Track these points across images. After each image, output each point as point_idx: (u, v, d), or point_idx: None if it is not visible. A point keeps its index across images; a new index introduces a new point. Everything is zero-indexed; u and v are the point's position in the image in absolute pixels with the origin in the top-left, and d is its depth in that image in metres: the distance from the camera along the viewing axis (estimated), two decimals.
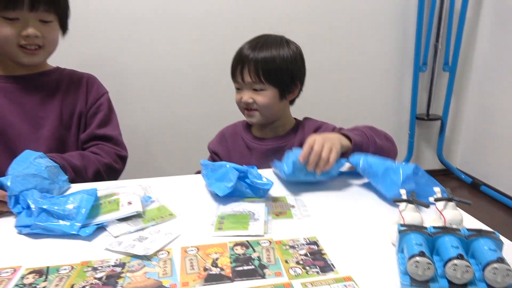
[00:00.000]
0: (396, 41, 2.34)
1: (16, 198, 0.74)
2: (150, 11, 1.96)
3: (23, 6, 0.92)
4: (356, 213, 0.78)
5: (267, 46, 1.05)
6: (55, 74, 1.11)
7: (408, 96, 2.44)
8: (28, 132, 1.04)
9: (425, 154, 2.65)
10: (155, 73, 2.05)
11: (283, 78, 1.06)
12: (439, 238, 0.56)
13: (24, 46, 0.98)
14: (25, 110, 1.04)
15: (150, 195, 0.85)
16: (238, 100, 1.10)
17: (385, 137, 1.03)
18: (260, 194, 0.85)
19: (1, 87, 1.04)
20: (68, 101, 1.09)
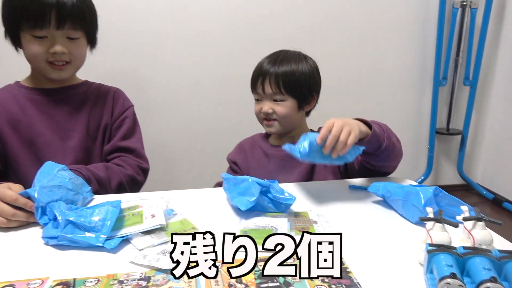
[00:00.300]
0: (416, 55, 2.33)
1: (43, 209, 0.75)
2: (171, 25, 1.99)
3: (50, 25, 0.95)
4: (380, 230, 0.77)
5: (286, 61, 1.11)
6: (83, 87, 1.14)
7: (428, 110, 2.41)
8: (56, 142, 1.06)
9: (445, 169, 2.61)
10: (175, 86, 2.08)
11: (301, 90, 1.11)
12: (470, 259, 0.55)
13: (52, 62, 1.01)
14: (54, 121, 1.07)
15: (172, 208, 0.86)
16: (258, 111, 1.15)
17: (397, 138, 1.03)
18: (282, 209, 0.85)
19: (32, 98, 1.07)
20: (95, 113, 1.12)
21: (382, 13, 2.22)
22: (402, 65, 2.33)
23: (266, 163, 1.17)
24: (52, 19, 0.95)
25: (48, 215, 0.75)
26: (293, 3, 2.10)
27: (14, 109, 1.05)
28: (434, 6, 2.25)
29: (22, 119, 1.05)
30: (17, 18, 0.96)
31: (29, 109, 1.06)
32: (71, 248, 0.69)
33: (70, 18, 0.97)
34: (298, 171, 1.14)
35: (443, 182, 2.61)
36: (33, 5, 0.93)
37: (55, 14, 0.95)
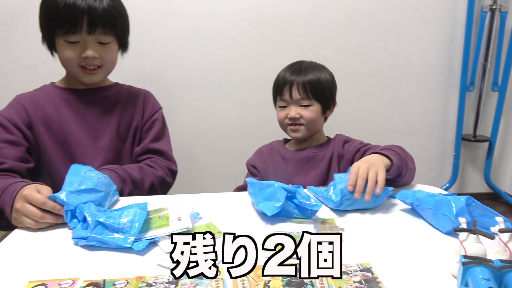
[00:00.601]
0: (442, 60, 2.28)
1: (73, 212, 0.77)
2: (195, 29, 2.01)
3: (82, 30, 0.98)
4: (409, 239, 0.75)
5: (309, 70, 1.16)
6: (114, 89, 1.16)
7: (454, 116, 2.36)
8: (87, 142, 1.08)
9: (471, 176, 2.54)
10: (198, 89, 2.09)
11: (325, 95, 1.17)
12: (508, 273, 0.52)
13: (84, 66, 1.04)
14: (85, 121, 1.09)
15: (198, 212, 0.86)
16: (283, 117, 1.18)
17: (412, 159, 1.05)
18: (308, 215, 0.84)
19: (65, 98, 1.10)
20: (126, 115, 1.14)
21: (408, 15, 2.18)
22: (428, 69, 2.28)
23: (284, 166, 1.20)
24: (83, 25, 0.98)
25: (78, 217, 0.76)
26: (315, 5, 2.08)
27: (49, 108, 1.08)
28: (462, 9, 2.19)
29: (56, 118, 1.07)
30: (51, 24, 0.99)
31: (63, 108, 1.09)
32: (100, 249, 0.70)
33: (101, 24, 0.99)
34: (314, 173, 1.17)
35: (469, 190, 2.54)
36: (65, 11, 0.96)
37: (86, 20, 0.97)
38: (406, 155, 1.01)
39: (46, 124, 1.06)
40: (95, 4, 0.98)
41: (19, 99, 1.09)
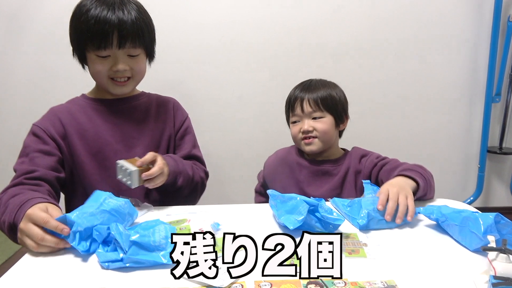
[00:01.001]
0: (467, 70, 2.23)
1: (81, 235, 0.74)
2: (217, 40, 2.04)
3: (112, 45, 1.00)
4: (435, 256, 0.73)
5: (320, 86, 1.17)
6: (144, 98, 1.18)
7: (479, 128, 2.30)
8: (122, 151, 1.10)
9: (497, 189, 2.46)
10: (218, 99, 2.11)
11: (337, 108, 1.16)
12: None
13: (115, 79, 1.06)
14: (119, 130, 1.11)
15: (219, 222, 0.86)
16: (296, 132, 1.17)
17: (431, 175, 1.04)
18: (330, 229, 0.83)
19: (98, 109, 1.12)
20: (158, 122, 1.17)
21: (431, 25, 2.15)
22: (452, 80, 2.24)
23: (297, 172, 1.20)
24: (114, 40, 1.00)
25: (97, 238, 0.73)
26: (339, 18, 2.08)
27: (83, 119, 1.10)
28: (487, 19, 2.15)
29: (90, 128, 1.09)
30: (82, 39, 1.01)
31: (96, 119, 1.10)
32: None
33: (130, 37, 1.02)
34: (327, 187, 1.16)
35: (494, 204, 2.46)
36: (96, 27, 0.98)
37: (116, 35, 1.00)
38: (429, 175, 1.02)
39: (81, 135, 1.08)
40: (124, 18, 1.00)
41: (54, 111, 1.11)
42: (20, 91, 2.10)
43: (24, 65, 2.07)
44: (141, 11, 1.06)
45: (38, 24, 2.02)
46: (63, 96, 1.19)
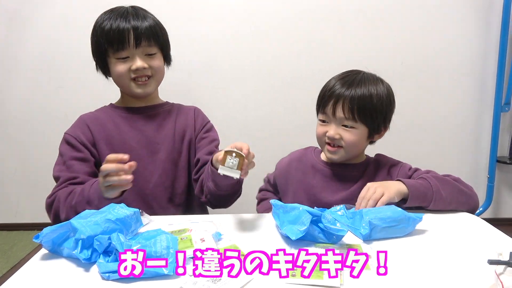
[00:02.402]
0: (475, 79, 2.21)
1: (83, 242, 0.73)
2: (226, 50, 2.06)
3: (129, 44, 1.08)
4: (442, 268, 0.72)
5: (363, 83, 1.02)
6: (167, 106, 1.24)
7: (488, 138, 2.27)
8: (146, 156, 1.15)
9: (507, 200, 2.42)
10: (225, 108, 2.12)
11: (376, 117, 1.02)
12: None
13: (136, 79, 1.12)
14: (144, 136, 1.16)
15: (220, 232, 0.85)
16: (322, 134, 1.06)
17: (459, 190, 0.99)
18: (333, 240, 0.82)
19: (123, 116, 1.18)
20: (179, 128, 1.21)
21: (440, 34, 2.14)
22: (460, 89, 2.22)
23: (310, 177, 1.12)
24: (130, 39, 1.08)
25: (98, 248, 0.72)
26: (343, 25, 2.09)
27: (110, 126, 1.15)
28: (496, 27, 2.14)
29: (117, 135, 1.14)
30: (102, 47, 1.09)
31: (123, 126, 1.16)
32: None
33: (145, 36, 1.09)
34: (343, 194, 1.07)
35: (505, 215, 2.42)
36: (113, 32, 1.07)
37: (132, 35, 1.08)
38: (447, 187, 0.97)
39: (108, 141, 1.13)
40: (138, 23, 1.08)
41: (83, 119, 1.16)
42: (20, 90, 2.14)
43: (25, 65, 2.10)
44: (155, 20, 1.14)
45: (38, 24, 2.05)
46: (64, 96, 1.22)
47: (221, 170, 0.84)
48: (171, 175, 1.17)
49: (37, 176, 2.21)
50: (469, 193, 1.00)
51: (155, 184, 1.15)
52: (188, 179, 1.20)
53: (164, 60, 1.18)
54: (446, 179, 1.00)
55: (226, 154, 0.84)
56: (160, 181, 1.15)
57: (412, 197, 0.95)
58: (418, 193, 0.95)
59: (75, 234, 0.74)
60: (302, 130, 1.23)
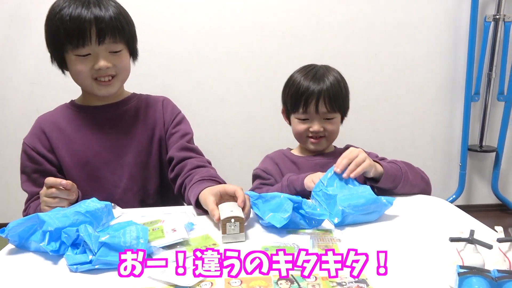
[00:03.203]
0: (446, 70, 2.27)
1: (51, 235, 0.72)
2: (200, 45, 2.05)
3: (91, 41, 0.95)
4: (407, 250, 0.73)
5: (326, 75, 1.10)
6: (133, 101, 1.13)
7: (459, 127, 2.33)
8: (113, 159, 1.07)
9: (479, 187, 2.50)
10: (203, 102, 2.11)
11: (345, 102, 1.14)
12: (506, 283, 0.51)
13: (98, 79, 1.00)
14: (109, 139, 1.07)
15: (193, 222, 0.85)
16: (303, 130, 1.12)
17: (421, 176, 1.06)
18: (314, 225, 0.83)
19: (85, 117, 1.08)
20: (147, 127, 1.11)
21: (411, 27, 2.18)
22: (432, 80, 2.27)
23: (296, 171, 1.14)
24: (92, 35, 0.94)
25: (65, 241, 0.71)
26: (319, 18, 2.10)
27: (69, 130, 1.06)
28: (465, 20, 2.19)
29: (77, 139, 1.06)
30: (60, 40, 0.96)
31: (83, 129, 1.07)
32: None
33: (110, 31, 0.96)
34: None
35: (477, 202, 2.50)
36: (72, 24, 0.93)
37: (94, 30, 0.94)
38: (411, 171, 1.03)
39: (68, 146, 1.05)
40: (101, 13, 0.95)
41: (40, 124, 1.07)
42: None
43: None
44: (119, 7, 1.01)
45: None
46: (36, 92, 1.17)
47: (224, 239, 0.77)
48: (140, 179, 1.09)
49: (5, 174, 2.17)
50: (427, 180, 1.07)
51: (124, 189, 1.08)
52: (160, 179, 1.13)
53: (130, 55, 1.06)
54: (411, 165, 1.06)
55: (224, 222, 0.76)
56: (129, 186, 1.08)
57: (385, 176, 0.97)
58: (390, 173, 0.98)
59: (42, 227, 0.72)
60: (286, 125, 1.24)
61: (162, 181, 1.13)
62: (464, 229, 0.65)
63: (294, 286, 0.61)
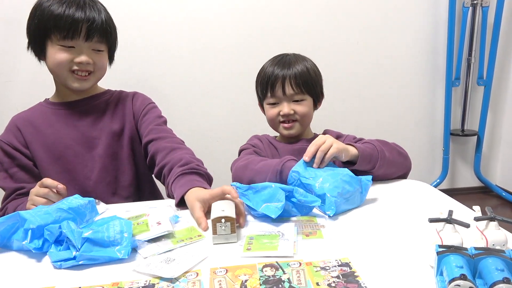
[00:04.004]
0: (427, 56, 2.30)
1: (34, 232, 0.71)
2: (181, 38, 2.02)
3: (79, 37, 1.00)
4: (389, 232, 0.75)
5: (296, 62, 1.13)
6: (106, 96, 1.16)
7: (441, 112, 2.37)
8: (83, 152, 1.10)
9: (462, 171, 2.55)
10: (185, 95, 2.10)
11: (316, 88, 1.15)
12: (482, 260, 0.52)
13: (76, 72, 1.04)
14: (79, 132, 1.10)
15: (178, 214, 0.85)
16: (275, 115, 1.14)
17: (398, 151, 1.06)
18: (304, 212, 0.84)
19: (59, 113, 1.11)
20: (117, 118, 1.14)
21: (391, 14, 2.20)
22: (413, 66, 2.30)
23: (276, 155, 1.16)
24: (82, 31, 1.00)
25: (48, 238, 0.71)
26: (299, 6, 2.10)
27: (44, 127, 1.09)
28: (444, 5, 2.22)
29: (50, 134, 1.09)
30: (47, 27, 0.99)
31: (56, 124, 1.10)
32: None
33: (99, 32, 1.02)
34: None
35: (460, 185, 2.55)
36: (66, 17, 0.98)
37: (85, 28, 1.00)
38: (387, 148, 1.02)
39: (42, 142, 1.08)
40: (95, 15, 1.01)
41: (14, 121, 1.11)
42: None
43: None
44: (108, 14, 1.08)
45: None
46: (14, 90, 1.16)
47: (215, 240, 0.74)
48: (112, 170, 1.11)
49: None
50: (404, 154, 1.07)
51: (96, 181, 1.10)
52: (134, 171, 1.15)
53: (108, 59, 1.12)
54: (386, 142, 1.06)
55: (215, 222, 0.73)
56: (101, 177, 1.10)
57: (361, 158, 0.97)
58: (365, 154, 0.98)
59: (24, 225, 0.72)
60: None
61: (137, 173, 1.16)
62: (444, 210, 0.67)
63: (279, 272, 0.62)
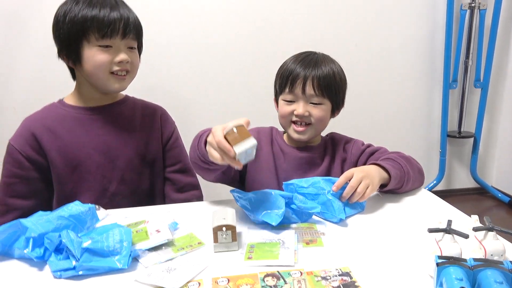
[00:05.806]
0: (424, 59, 2.30)
1: (35, 240, 0.71)
2: (180, 36, 2.02)
3: (117, 34, 0.99)
4: (389, 242, 0.75)
5: (322, 62, 1.04)
6: (128, 103, 1.13)
7: (438, 114, 2.38)
8: (104, 163, 1.06)
9: (458, 172, 2.56)
10: (184, 93, 2.10)
11: (339, 93, 1.06)
12: (481, 272, 0.53)
13: (115, 73, 1.01)
14: (102, 141, 1.06)
15: (176, 221, 0.85)
16: (288, 113, 1.04)
17: (418, 169, 1.04)
18: (304, 219, 0.85)
19: (78, 118, 1.06)
20: (143, 133, 1.12)
21: (389, 17, 2.20)
22: (411, 68, 2.30)
23: (281, 160, 1.10)
24: (120, 30, 0.99)
25: (48, 247, 0.70)
26: (299, 7, 2.10)
27: (61, 132, 1.04)
28: (442, 8, 2.22)
29: (69, 141, 1.04)
30: (84, 29, 0.97)
31: (76, 130, 1.05)
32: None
33: (133, 30, 1.02)
34: (311, 175, 1.05)
35: (457, 186, 2.56)
36: (103, 17, 0.97)
37: (122, 25, 0.99)
38: (410, 167, 1.00)
39: (59, 148, 1.03)
40: (128, 14, 1.01)
41: (27, 125, 1.04)
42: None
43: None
44: (136, 15, 1.07)
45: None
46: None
47: (216, 248, 0.74)
48: (130, 183, 1.09)
49: None
50: (422, 172, 1.05)
51: (113, 193, 1.07)
52: (151, 187, 1.14)
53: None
54: (408, 159, 1.04)
55: (216, 230, 0.73)
56: (119, 189, 1.07)
57: (392, 181, 0.94)
58: (395, 175, 0.94)
59: (25, 233, 0.71)
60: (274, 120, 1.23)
61: (153, 189, 1.15)
62: (443, 219, 0.67)
63: (281, 282, 0.62)
